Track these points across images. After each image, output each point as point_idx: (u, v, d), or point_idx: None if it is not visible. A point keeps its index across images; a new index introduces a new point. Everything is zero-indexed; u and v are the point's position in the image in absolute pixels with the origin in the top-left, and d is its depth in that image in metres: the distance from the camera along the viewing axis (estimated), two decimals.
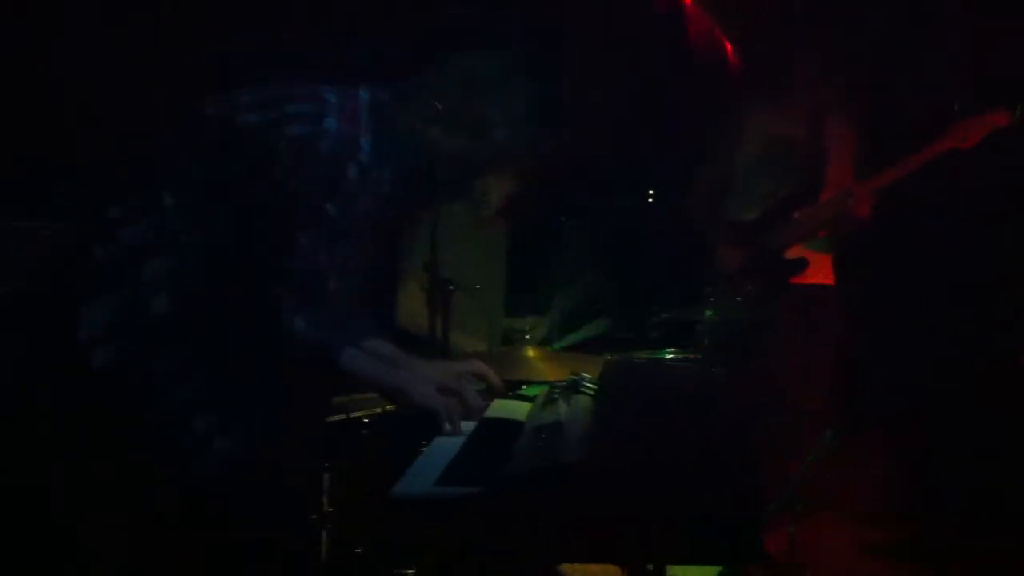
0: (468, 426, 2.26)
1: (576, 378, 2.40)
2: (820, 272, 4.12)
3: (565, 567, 2.75)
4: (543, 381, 2.75)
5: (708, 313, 3.22)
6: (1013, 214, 4.02)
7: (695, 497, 1.80)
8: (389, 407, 2.77)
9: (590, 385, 2.35)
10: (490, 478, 1.80)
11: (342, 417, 2.78)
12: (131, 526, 2.04)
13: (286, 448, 2.27)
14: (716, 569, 2.75)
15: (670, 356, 2.95)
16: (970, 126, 3.78)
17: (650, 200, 4.10)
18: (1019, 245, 3.97)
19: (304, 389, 2.21)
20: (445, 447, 2.13)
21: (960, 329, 4.48)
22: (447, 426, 2.20)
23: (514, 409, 2.42)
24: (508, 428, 2.19)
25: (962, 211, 4.46)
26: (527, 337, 3.15)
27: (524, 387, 2.75)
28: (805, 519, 3.27)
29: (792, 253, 4.05)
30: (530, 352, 3.11)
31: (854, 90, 4.42)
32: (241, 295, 2.03)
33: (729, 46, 5.22)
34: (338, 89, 2.20)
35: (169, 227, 2.07)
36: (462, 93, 2.23)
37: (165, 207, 2.08)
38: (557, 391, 2.37)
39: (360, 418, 2.86)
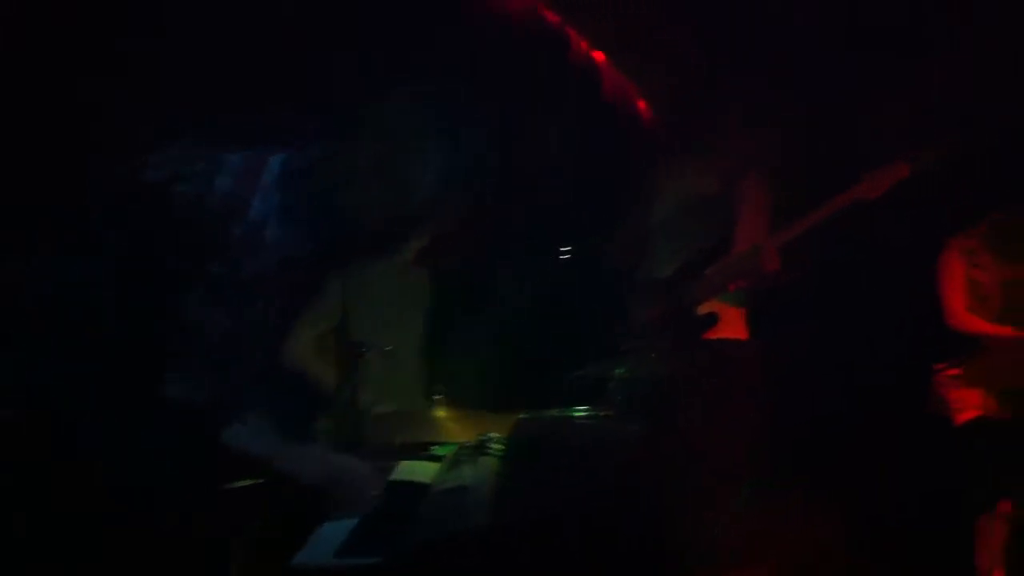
0: None
1: (484, 438, 2.40)
2: (733, 326, 4.16)
3: None
4: (454, 442, 2.73)
5: (619, 370, 3.23)
6: (922, 262, 4.13)
7: (608, 557, 1.79)
8: None
9: (497, 446, 2.35)
10: (391, 547, 1.78)
11: (249, 482, 2.72)
12: None
13: (177, 512, 2.21)
14: None
15: (582, 414, 2.94)
16: (874, 179, 3.90)
17: (564, 256, 4.12)
18: (928, 292, 4.07)
19: (190, 454, 2.15)
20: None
21: (876, 378, 4.56)
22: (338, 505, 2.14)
23: (421, 471, 2.39)
24: (414, 492, 2.17)
25: (871, 260, 4.57)
26: (438, 398, 3.13)
27: (434, 448, 2.73)
28: (725, 569, 3.27)
29: (705, 308, 4.09)
30: (441, 412, 3.08)
31: (765, 147, 4.52)
32: (121, 351, 1.99)
33: (642, 104, 5.31)
34: (245, 152, 2.19)
35: (52, 277, 2.03)
36: (381, 156, 2.23)
37: (51, 259, 2.05)
38: (464, 453, 2.36)
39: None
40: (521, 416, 2.92)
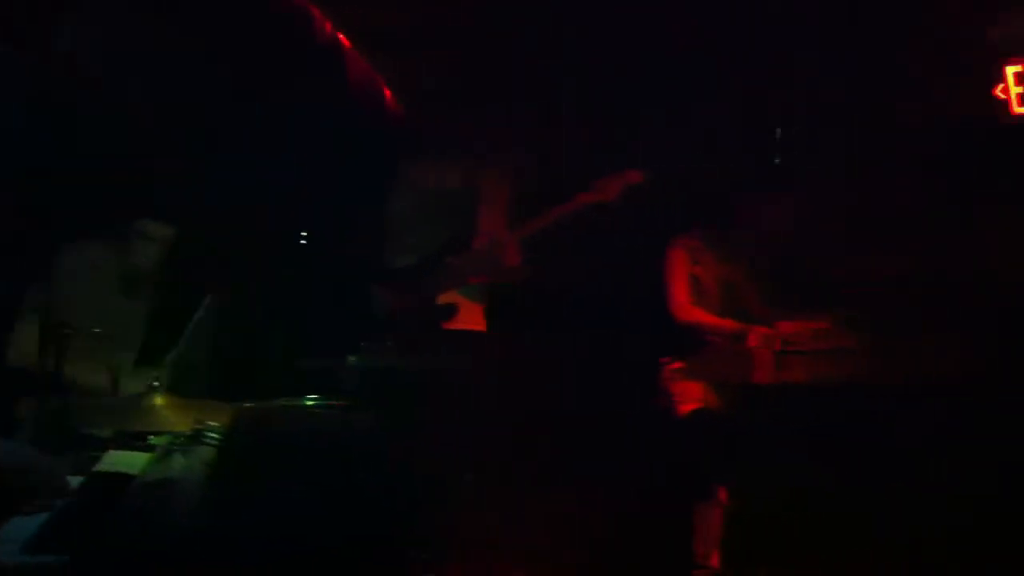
0: None
1: (200, 427, 2.25)
2: (473, 318, 4.19)
3: None
4: (170, 431, 2.56)
5: (352, 359, 3.16)
6: (651, 259, 4.28)
7: (330, 551, 1.72)
8: None
9: (213, 435, 2.21)
10: (83, 543, 1.63)
11: None
12: None
13: None
14: None
15: (311, 403, 2.84)
16: (609, 182, 4.03)
17: (302, 243, 4.01)
18: (657, 288, 4.22)
19: None
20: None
21: (608, 370, 4.69)
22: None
23: (130, 462, 2.22)
24: (116, 484, 2.00)
25: (605, 256, 4.71)
26: (155, 384, 2.93)
27: (151, 438, 2.56)
28: (454, 561, 3.26)
29: (445, 300, 4.09)
30: (158, 400, 2.88)
31: (508, 144, 4.58)
32: None
33: (389, 94, 5.25)
34: None
35: None
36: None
37: None
38: (177, 443, 2.21)
39: None
40: (244, 405, 2.78)
